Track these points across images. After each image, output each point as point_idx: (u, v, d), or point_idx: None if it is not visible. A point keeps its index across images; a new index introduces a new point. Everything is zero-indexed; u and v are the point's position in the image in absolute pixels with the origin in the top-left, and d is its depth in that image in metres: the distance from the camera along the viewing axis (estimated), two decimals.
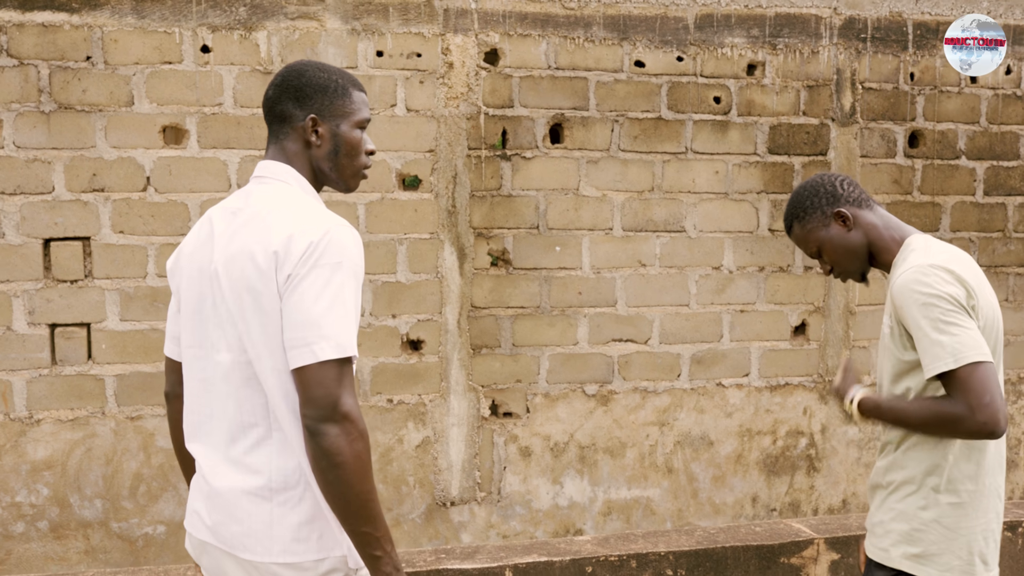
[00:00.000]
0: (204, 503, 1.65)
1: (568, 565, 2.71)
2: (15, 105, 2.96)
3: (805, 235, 2.06)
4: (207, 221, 1.70)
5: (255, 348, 1.55)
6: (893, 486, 2.01)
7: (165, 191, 3.07)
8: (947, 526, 1.92)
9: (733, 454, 3.57)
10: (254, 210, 1.61)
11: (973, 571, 1.94)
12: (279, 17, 3.11)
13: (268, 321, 1.53)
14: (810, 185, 2.06)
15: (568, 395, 3.41)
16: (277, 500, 1.57)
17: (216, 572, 1.66)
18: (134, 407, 3.09)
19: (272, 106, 1.69)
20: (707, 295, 3.50)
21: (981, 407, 1.74)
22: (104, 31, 3.00)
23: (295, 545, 1.57)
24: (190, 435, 1.70)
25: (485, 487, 3.36)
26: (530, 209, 3.34)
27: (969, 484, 1.91)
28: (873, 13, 3.57)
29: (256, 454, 1.58)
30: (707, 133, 3.46)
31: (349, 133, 1.69)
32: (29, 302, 3.00)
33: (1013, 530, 3.04)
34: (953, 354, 1.77)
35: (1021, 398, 3.82)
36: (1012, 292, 3.78)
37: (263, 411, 1.58)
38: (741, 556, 2.83)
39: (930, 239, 1.98)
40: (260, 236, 1.55)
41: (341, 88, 1.69)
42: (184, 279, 1.70)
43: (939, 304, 1.80)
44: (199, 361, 1.66)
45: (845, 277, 2.09)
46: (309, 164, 1.69)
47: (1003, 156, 3.73)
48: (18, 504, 3.04)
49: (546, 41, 3.31)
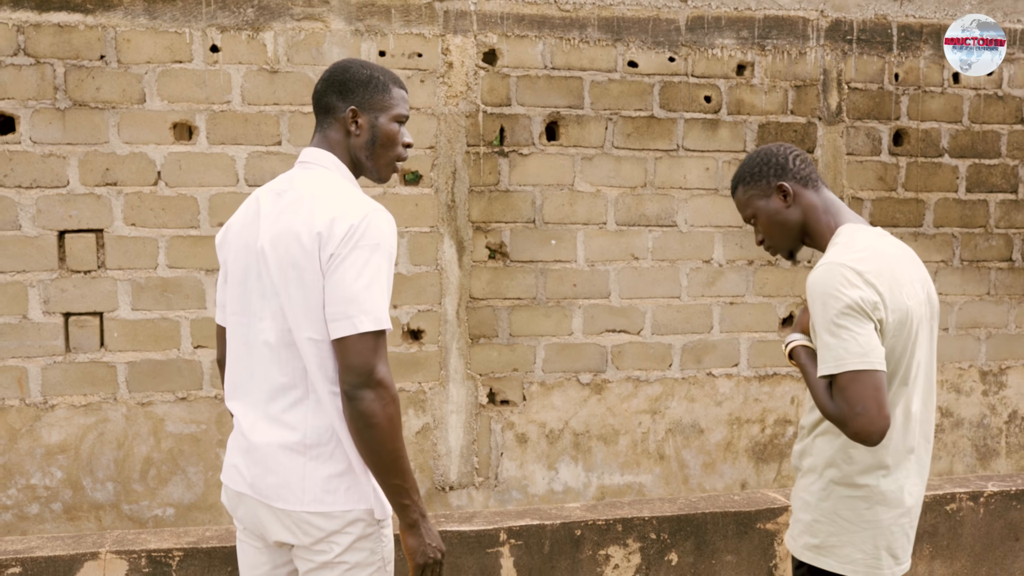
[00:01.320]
0: (242, 457, 1.79)
1: (559, 528, 2.85)
2: (32, 102, 3.08)
3: (746, 200, 2.05)
4: (255, 201, 1.85)
5: (296, 318, 1.69)
6: (801, 473, 2.02)
7: (175, 185, 3.19)
8: (847, 519, 1.91)
9: (723, 442, 3.69)
10: (298, 193, 1.76)
11: (879, 565, 1.91)
12: (285, 18, 3.23)
13: (309, 295, 1.67)
14: (764, 152, 2.05)
15: (563, 384, 3.53)
16: (310, 454, 1.72)
17: (252, 521, 1.81)
18: (145, 393, 3.21)
19: (319, 98, 1.84)
20: (698, 287, 3.62)
21: (853, 416, 1.75)
22: (117, 31, 3.12)
23: (325, 495, 1.71)
24: (230, 394, 1.85)
25: (483, 472, 3.48)
26: (527, 204, 3.46)
27: (868, 479, 1.90)
28: (859, 16, 3.69)
29: (293, 412, 1.73)
30: (698, 131, 3.58)
31: (387, 125, 1.84)
32: (44, 292, 3.12)
33: (975, 499, 3.17)
34: (836, 359, 1.78)
35: (1003, 389, 3.95)
36: (993, 286, 3.90)
37: (301, 375, 1.72)
38: (720, 521, 2.96)
39: (857, 231, 1.96)
40: (305, 217, 1.69)
41: (382, 84, 1.83)
42: (231, 253, 1.85)
43: (835, 307, 1.80)
44: (243, 327, 1.81)
45: (774, 251, 2.08)
46: (348, 153, 1.84)
47: (985, 154, 3.86)
48: (33, 486, 3.16)
49: (542, 42, 3.43)
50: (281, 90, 3.24)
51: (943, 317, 3.86)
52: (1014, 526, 3.19)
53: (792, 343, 2.01)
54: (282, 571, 1.87)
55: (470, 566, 2.79)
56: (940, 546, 3.15)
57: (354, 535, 1.73)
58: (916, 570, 3.12)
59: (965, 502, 3.15)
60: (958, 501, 3.14)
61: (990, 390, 3.93)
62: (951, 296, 3.86)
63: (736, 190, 2.09)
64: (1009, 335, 3.93)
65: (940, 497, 3.11)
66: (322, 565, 1.74)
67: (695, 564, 2.94)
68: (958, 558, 3.16)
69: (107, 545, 2.65)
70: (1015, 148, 3.88)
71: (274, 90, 3.23)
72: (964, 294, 3.87)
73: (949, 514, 3.15)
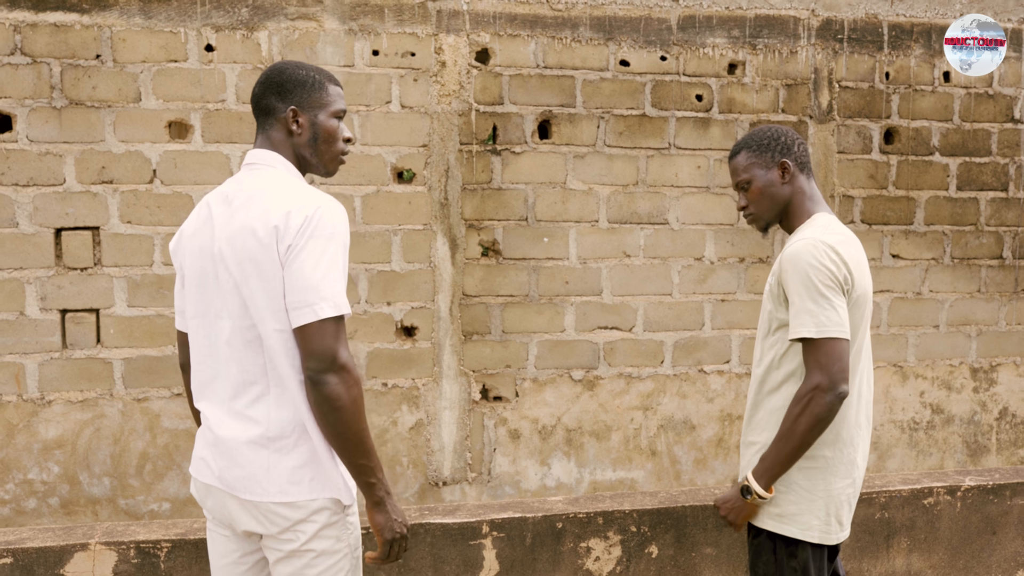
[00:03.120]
0: (209, 451, 1.84)
1: (540, 520, 2.88)
2: (28, 101, 3.11)
3: (747, 165, 2.17)
4: (205, 206, 1.89)
5: (259, 312, 1.74)
6: (756, 447, 2.14)
7: (171, 183, 3.22)
8: (806, 488, 2.06)
9: (714, 438, 3.72)
10: (249, 193, 1.81)
11: (829, 531, 2.08)
12: (279, 18, 3.26)
13: (270, 287, 1.72)
14: (775, 130, 2.19)
15: (555, 380, 3.56)
16: (273, 447, 1.76)
17: (220, 512, 1.85)
18: (141, 389, 3.24)
19: (258, 101, 1.89)
20: (689, 285, 3.65)
21: (831, 372, 1.94)
22: (113, 31, 3.15)
23: (289, 487, 1.76)
24: (198, 394, 1.89)
25: (476, 468, 3.51)
26: (519, 202, 3.49)
27: (827, 451, 2.06)
28: (849, 15, 3.72)
29: (256, 407, 1.78)
30: (689, 130, 3.61)
31: (327, 122, 1.89)
32: (41, 288, 3.15)
33: (952, 493, 3.20)
34: (818, 325, 1.95)
35: (993, 386, 3.97)
36: (984, 284, 3.93)
37: (262, 370, 1.77)
38: (700, 515, 3.00)
39: (832, 220, 2.13)
40: (259, 213, 1.74)
41: (318, 82, 1.88)
42: (187, 257, 1.89)
43: (818, 277, 1.97)
44: (204, 329, 1.85)
45: (752, 220, 2.21)
46: (292, 151, 1.89)
47: (975, 152, 3.88)
48: (30, 481, 3.19)
49: (535, 41, 3.46)
50: None
51: (934, 314, 3.89)
52: (991, 520, 3.23)
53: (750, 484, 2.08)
54: (249, 559, 1.92)
55: (453, 558, 2.82)
56: (918, 539, 3.18)
57: (320, 523, 1.78)
58: (894, 564, 3.15)
59: (942, 496, 3.18)
60: (935, 495, 3.17)
61: (981, 387, 3.96)
62: (942, 293, 3.89)
63: (738, 154, 2.20)
64: (1000, 332, 3.96)
65: (918, 491, 3.15)
66: (290, 554, 1.78)
67: (675, 556, 2.98)
68: (935, 551, 3.19)
69: (97, 536, 2.69)
70: (1005, 146, 3.91)
71: None
72: (955, 291, 3.90)
73: (927, 508, 3.18)
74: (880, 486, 3.18)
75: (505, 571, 2.87)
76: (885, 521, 3.13)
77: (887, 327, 3.84)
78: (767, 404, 2.13)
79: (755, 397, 2.18)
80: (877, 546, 3.12)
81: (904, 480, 3.27)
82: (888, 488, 3.15)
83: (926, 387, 3.90)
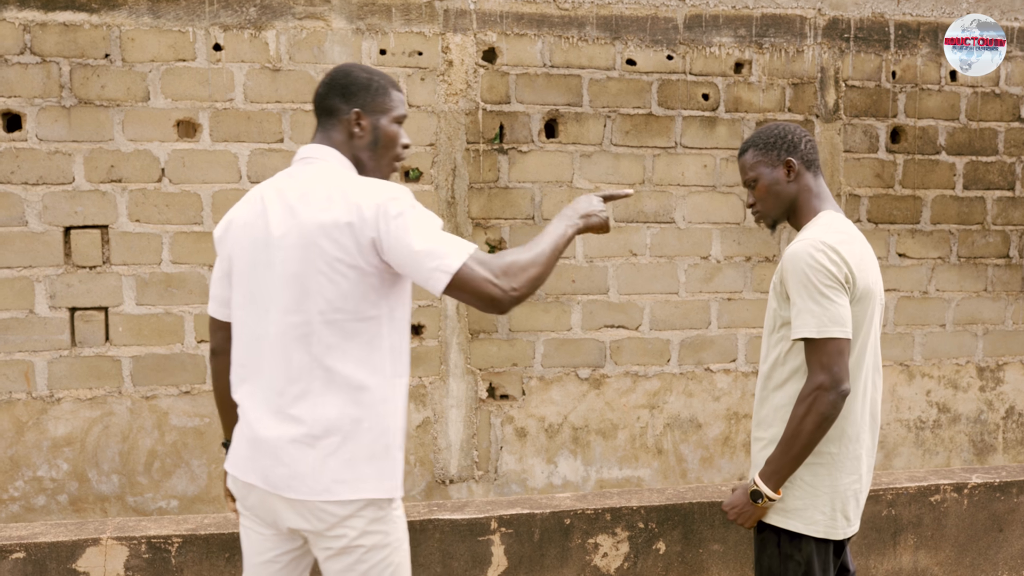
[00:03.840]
0: (250, 449, 1.84)
1: (548, 517, 2.89)
2: (38, 100, 3.13)
3: (753, 163, 2.20)
4: (259, 198, 1.89)
5: (323, 306, 1.74)
6: (763, 442, 2.16)
7: (179, 182, 3.24)
8: (811, 484, 2.08)
9: (721, 436, 3.72)
10: (306, 188, 1.81)
11: (835, 525, 2.10)
12: (287, 17, 3.27)
13: (342, 282, 1.74)
14: (781, 128, 2.21)
15: (562, 378, 3.57)
16: (319, 446, 1.77)
17: (263, 510, 1.86)
18: (149, 387, 3.25)
19: (321, 101, 1.90)
20: (696, 283, 3.66)
21: (833, 371, 1.96)
22: (122, 30, 3.17)
23: (335, 485, 1.76)
24: (237, 384, 1.89)
25: (482, 466, 3.52)
26: (526, 200, 3.50)
27: (832, 447, 2.08)
28: (856, 14, 3.72)
29: (300, 405, 1.78)
30: (696, 129, 3.62)
31: (388, 127, 1.90)
32: (50, 287, 3.17)
33: (959, 491, 3.20)
34: (819, 325, 1.98)
35: (1000, 385, 3.97)
36: (991, 283, 3.93)
37: (308, 367, 1.77)
38: (707, 511, 3.01)
39: (836, 218, 2.14)
40: (326, 210, 1.75)
41: (382, 87, 1.89)
42: (236, 248, 1.89)
43: (817, 277, 1.99)
44: (250, 320, 1.85)
45: (761, 217, 2.24)
46: (351, 154, 1.90)
47: (982, 152, 3.88)
48: (40, 479, 3.21)
49: (541, 40, 3.47)
50: (283, 88, 3.28)
51: (940, 313, 3.89)
52: (998, 517, 3.23)
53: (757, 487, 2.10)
54: (285, 558, 1.91)
55: (462, 554, 2.84)
56: (925, 536, 3.18)
57: (368, 518, 1.79)
58: (901, 561, 3.15)
59: (949, 493, 3.19)
60: (942, 492, 3.17)
61: (987, 386, 3.96)
62: (948, 292, 3.89)
63: (746, 152, 2.23)
64: (1006, 331, 3.95)
65: (924, 488, 3.15)
66: (340, 551, 1.79)
67: (682, 553, 2.98)
68: (942, 548, 3.19)
69: (108, 531, 2.71)
70: (1012, 145, 3.90)
71: (276, 88, 3.27)
72: (961, 290, 3.90)
73: (933, 505, 3.18)
74: (887, 483, 3.19)
75: (513, 567, 2.88)
76: (892, 518, 3.14)
77: (893, 326, 3.84)
78: (773, 400, 2.15)
79: (761, 393, 2.19)
80: (884, 543, 3.12)
81: (911, 478, 3.27)
82: (895, 485, 3.16)
83: (932, 386, 3.90)
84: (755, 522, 2.14)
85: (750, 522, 2.14)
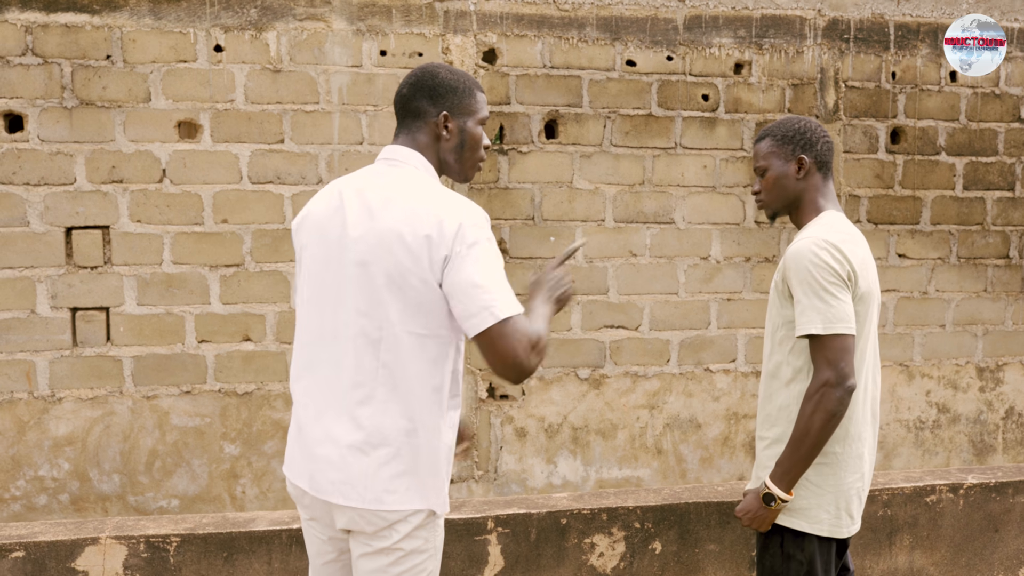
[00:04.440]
0: (303, 451, 1.84)
1: (545, 516, 2.89)
2: (40, 101, 3.14)
3: (767, 153, 2.21)
4: (336, 194, 1.86)
5: (397, 315, 1.73)
6: (768, 441, 2.17)
7: (180, 183, 3.25)
8: (816, 483, 2.09)
9: (720, 436, 3.73)
10: (390, 193, 1.78)
11: (839, 524, 2.11)
12: (288, 18, 3.28)
13: (415, 293, 1.72)
14: (803, 124, 2.21)
15: (562, 379, 3.58)
16: (375, 455, 1.76)
17: (318, 511, 1.86)
18: (150, 387, 3.27)
19: (406, 103, 1.87)
20: (695, 284, 3.66)
21: (839, 367, 1.98)
22: (123, 31, 3.18)
23: (385, 495, 1.76)
24: (297, 376, 1.88)
25: (482, 466, 3.53)
26: (526, 201, 3.51)
27: (837, 447, 2.09)
28: (856, 15, 3.73)
29: (361, 409, 1.76)
30: (696, 129, 3.62)
31: (474, 129, 1.89)
32: (52, 287, 3.18)
33: (955, 491, 3.20)
34: (825, 321, 1.99)
35: (1000, 385, 3.97)
36: (991, 283, 3.93)
37: (373, 373, 1.76)
38: (703, 511, 3.01)
39: (839, 218, 2.16)
40: (407, 218, 1.73)
41: (469, 89, 1.88)
42: (310, 242, 1.87)
43: (822, 274, 2.00)
44: (317, 315, 1.84)
45: (762, 206, 2.25)
46: (436, 155, 1.88)
47: (982, 152, 3.88)
48: (41, 478, 3.22)
49: (541, 41, 3.48)
50: (284, 89, 3.29)
51: (940, 314, 3.89)
52: (993, 517, 3.23)
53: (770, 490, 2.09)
54: (346, 558, 1.92)
55: (458, 553, 2.84)
56: (920, 537, 3.18)
57: (414, 524, 1.79)
58: (896, 561, 3.16)
59: (945, 494, 3.19)
60: (938, 493, 3.17)
61: (987, 386, 3.96)
62: (948, 293, 3.89)
63: (763, 140, 2.24)
64: (1006, 332, 3.96)
65: (920, 489, 3.15)
66: (379, 550, 1.78)
67: (679, 553, 2.99)
68: (938, 549, 3.20)
69: (107, 531, 2.72)
70: (1012, 146, 3.91)
71: (277, 89, 3.28)
72: (961, 291, 3.90)
73: (929, 505, 3.18)
74: (883, 484, 3.19)
75: (510, 567, 2.89)
76: (888, 519, 3.14)
77: (893, 326, 3.84)
78: (777, 400, 2.15)
79: (766, 392, 2.20)
80: (880, 543, 3.13)
81: (907, 478, 3.27)
82: (891, 486, 3.16)
83: (932, 386, 3.91)
84: (770, 525, 2.13)
85: (765, 525, 2.13)
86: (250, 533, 2.74)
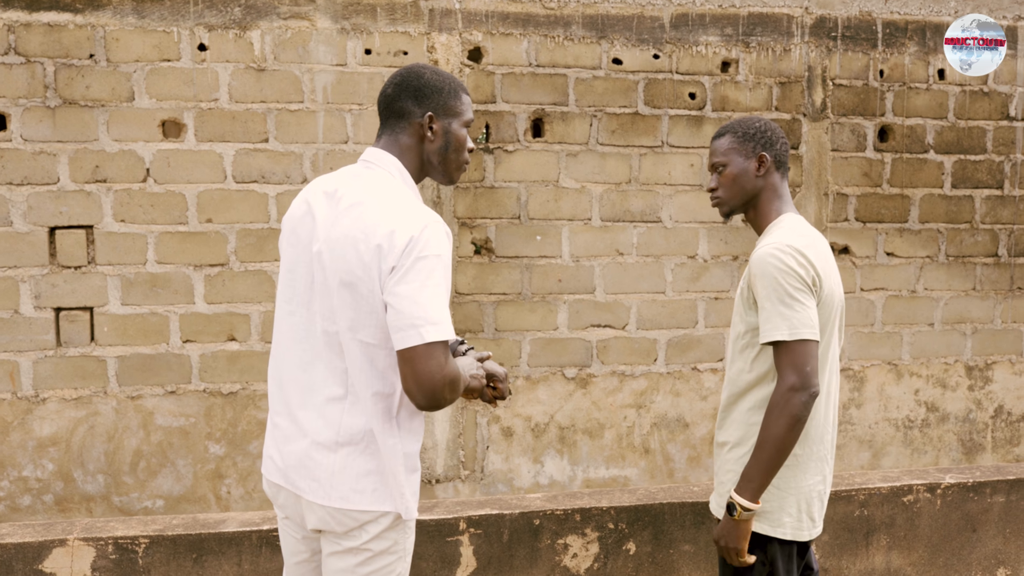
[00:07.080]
0: (277, 449, 1.86)
1: (518, 517, 2.89)
2: (22, 100, 3.13)
3: (726, 148, 2.19)
4: (312, 194, 1.86)
5: (347, 321, 1.73)
6: (729, 445, 2.16)
7: (164, 182, 3.24)
8: (778, 486, 2.08)
9: (708, 435, 3.72)
10: (356, 197, 1.77)
11: (801, 527, 2.10)
12: (272, 17, 3.27)
13: (363, 302, 1.71)
14: (762, 122, 2.21)
15: (548, 378, 3.57)
16: (342, 452, 1.77)
17: (291, 510, 1.88)
18: (134, 387, 3.26)
19: (391, 102, 1.85)
20: (682, 283, 3.65)
21: (803, 372, 1.96)
22: (106, 30, 3.17)
23: (353, 494, 1.77)
24: (271, 377, 1.90)
25: (469, 465, 3.52)
26: (512, 200, 3.50)
27: (798, 448, 2.07)
28: (843, 12, 3.71)
29: (329, 408, 1.78)
30: (683, 128, 3.61)
31: (459, 131, 1.88)
32: (35, 287, 3.17)
33: (932, 491, 3.20)
34: (791, 327, 1.98)
35: (988, 384, 3.96)
36: (979, 282, 3.92)
37: (342, 375, 1.77)
38: (678, 512, 3.00)
39: (798, 222, 2.15)
40: (363, 226, 1.72)
41: (454, 91, 1.87)
42: (285, 245, 1.90)
43: (787, 280, 2.00)
44: (288, 317, 1.86)
45: (718, 204, 2.24)
46: (420, 157, 1.87)
47: (970, 150, 3.87)
48: (25, 479, 3.21)
49: (527, 39, 3.47)
50: (268, 88, 3.28)
51: (929, 312, 3.88)
52: (971, 517, 3.23)
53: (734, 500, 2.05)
54: (319, 558, 1.92)
55: (430, 554, 2.83)
56: (897, 537, 3.18)
57: (384, 525, 1.79)
58: (873, 561, 3.15)
59: (922, 494, 3.18)
60: (915, 493, 3.16)
61: (976, 385, 3.95)
62: (937, 291, 3.88)
63: (723, 136, 2.22)
64: (995, 330, 3.95)
65: (897, 489, 3.15)
66: (348, 550, 1.79)
67: (653, 553, 2.98)
68: (915, 549, 3.19)
69: (75, 532, 2.71)
70: (1000, 144, 3.90)
71: (261, 88, 3.27)
72: (950, 289, 3.89)
73: (906, 505, 3.18)
74: (859, 483, 3.18)
75: (482, 568, 2.88)
76: (864, 519, 3.13)
77: (881, 325, 3.83)
78: (739, 405, 2.14)
79: (727, 398, 2.19)
80: (856, 544, 3.12)
81: (884, 478, 3.27)
82: (867, 485, 3.15)
83: (921, 385, 3.90)
84: (744, 541, 2.06)
85: (738, 542, 2.06)
86: (220, 535, 2.74)
